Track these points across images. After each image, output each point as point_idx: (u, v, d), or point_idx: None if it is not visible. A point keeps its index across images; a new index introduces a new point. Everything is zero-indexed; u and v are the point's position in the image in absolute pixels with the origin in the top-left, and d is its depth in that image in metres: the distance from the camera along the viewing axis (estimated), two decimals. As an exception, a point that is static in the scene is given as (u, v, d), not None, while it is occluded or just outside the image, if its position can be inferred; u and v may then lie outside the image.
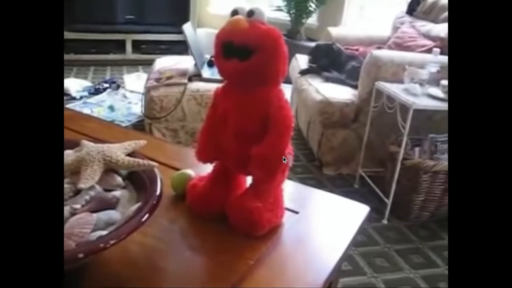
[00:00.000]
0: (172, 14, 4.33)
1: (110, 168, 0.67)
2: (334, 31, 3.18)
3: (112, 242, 0.50)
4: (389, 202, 1.95)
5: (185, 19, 4.21)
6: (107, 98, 3.21)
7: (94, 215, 0.56)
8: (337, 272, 0.68)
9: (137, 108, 2.96)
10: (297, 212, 0.76)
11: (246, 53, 0.63)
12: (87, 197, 0.61)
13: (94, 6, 4.06)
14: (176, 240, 0.67)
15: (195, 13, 4.48)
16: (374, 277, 1.60)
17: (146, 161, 0.67)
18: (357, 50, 2.89)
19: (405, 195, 1.96)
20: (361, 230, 0.76)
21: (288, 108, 0.67)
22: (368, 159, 2.27)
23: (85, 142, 0.72)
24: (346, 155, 2.38)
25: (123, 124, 2.76)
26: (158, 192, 0.62)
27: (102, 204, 0.61)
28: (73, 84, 3.36)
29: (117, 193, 0.65)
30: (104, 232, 0.54)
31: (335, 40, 3.00)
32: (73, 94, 3.22)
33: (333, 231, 0.73)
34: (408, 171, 1.91)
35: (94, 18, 4.09)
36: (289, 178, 0.73)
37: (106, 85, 3.44)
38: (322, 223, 0.76)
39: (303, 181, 2.23)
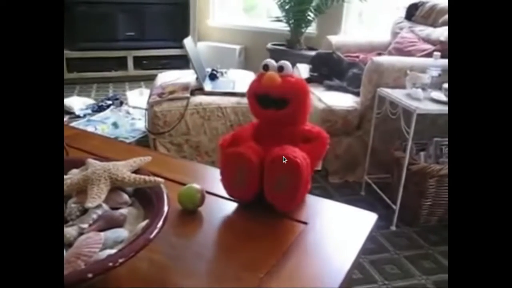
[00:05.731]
0: (172, 28, 4.37)
1: (116, 186, 0.67)
2: (334, 39, 3.19)
3: (121, 260, 0.50)
4: (396, 208, 1.94)
5: (185, 33, 4.24)
6: (110, 115, 3.22)
7: (102, 234, 0.56)
8: (348, 281, 0.68)
9: (141, 124, 2.97)
10: (306, 223, 0.76)
11: (282, 103, 0.76)
12: (95, 216, 0.61)
13: (95, 24, 4.10)
14: (185, 255, 0.67)
15: (195, 27, 4.51)
16: (385, 284, 1.58)
17: (152, 178, 0.67)
18: (357, 57, 2.90)
19: (413, 201, 1.95)
20: (370, 238, 0.76)
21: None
22: (373, 165, 2.26)
23: (90, 160, 0.72)
24: (351, 163, 2.37)
25: (127, 141, 2.76)
26: (165, 209, 0.62)
27: (109, 223, 0.61)
28: (76, 102, 3.38)
29: (124, 210, 0.65)
30: (112, 251, 0.54)
31: (335, 48, 3.01)
32: (77, 112, 3.24)
33: (342, 240, 0.73)
34: (414, 176, 1.90)
35: (95, 36, 4.12)
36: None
37: (109, 102, 3.46)
38: (331, 232, 0.75)
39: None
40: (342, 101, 2.36)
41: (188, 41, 2.40)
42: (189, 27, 4.46)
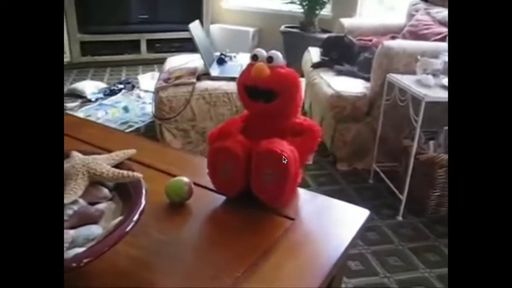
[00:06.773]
0: (185, 11, 4.33)
1: (95, 181, 0.66)
2: (346, 22, 3.11)
3: (85, 261, 0.49)
4: (403, 198, 1.90)
5: (198, 15, 4.20)
6: (122, 99, 3.24)
7: (72, 231, 0.55)
8: (331, 278, 0.66)
9: (151, 108, 2.97)
10: (293, 219, 0.74)
11: (271, 96, 0.74)
12: (70, 212, 0.60)
13: (108, 7, 4.10)
14: (165, 251, 0.66)
15: (208, 9, 4.46)
16: (387, 277, 1.55)
17: (131, 173, 0.66)
18: (370, 40, 2.82)
19: (421, 191, 1.91)
20: (374, 228, 0.74)
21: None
22: (382, 153, 2.22)
23: (74, 153, 0.72)
24: (360, 150, 2.33)
25: (137, 125, 2.77)
26: (142, 203, 0.61)
27: (84, 219, 0.60)
28: (88, 86, 3.39)
29: (102, 206, 0.64)
30: (81, 249, 0.53)
31: (347, 31, 2.93)
32: (89, 96, 3.26)
33: (329, 238, 0.71)
34: (423, 166, 1.86)
35: (109, 19, 4.13)
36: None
37: (121, 86, 3.47)
38: (317, 229, 0.73)
39: (316, 178, 2.20)
40: (352, 86, 2.30)
41: (194, 26, 2.36)
42: (202, 9, 4.41)
